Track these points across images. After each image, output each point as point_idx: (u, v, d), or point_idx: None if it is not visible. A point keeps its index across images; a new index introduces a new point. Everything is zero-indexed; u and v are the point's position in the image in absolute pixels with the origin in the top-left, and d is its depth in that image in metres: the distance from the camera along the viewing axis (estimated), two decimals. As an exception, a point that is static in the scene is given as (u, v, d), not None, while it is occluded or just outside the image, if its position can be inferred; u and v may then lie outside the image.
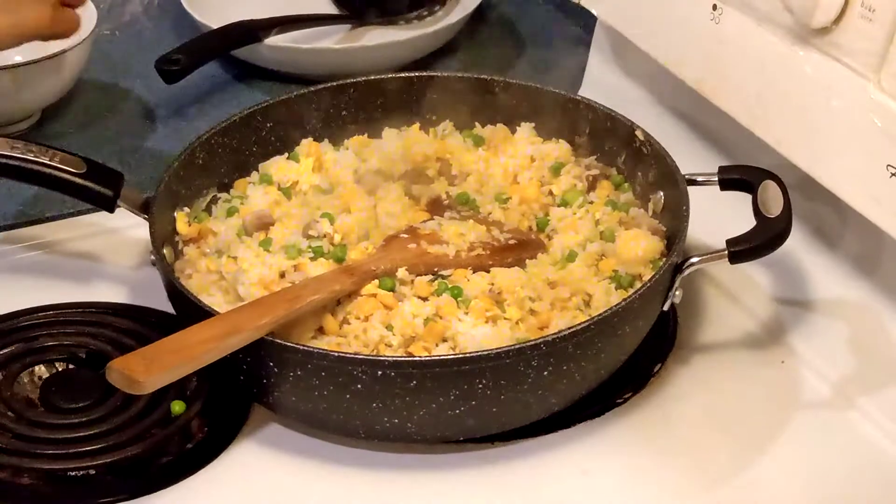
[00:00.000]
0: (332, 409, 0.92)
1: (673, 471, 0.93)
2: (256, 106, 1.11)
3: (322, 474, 0.93)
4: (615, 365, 0.97)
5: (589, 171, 1.09)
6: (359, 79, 1.14)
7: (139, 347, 0.88)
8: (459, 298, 0.96)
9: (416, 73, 1.18)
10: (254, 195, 1.07)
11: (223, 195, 1.09)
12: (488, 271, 0.99)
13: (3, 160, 1.01)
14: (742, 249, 0.96)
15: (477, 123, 1.14)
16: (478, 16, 1.38)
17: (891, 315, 1.01)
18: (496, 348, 0.89)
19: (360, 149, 1.12)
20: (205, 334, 0.89)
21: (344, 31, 1.37)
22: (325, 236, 1.02)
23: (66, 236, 1.11)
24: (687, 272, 0.97)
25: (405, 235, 1.02)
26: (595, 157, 1.11)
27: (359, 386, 0.89)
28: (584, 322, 0.91)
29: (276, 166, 1.10)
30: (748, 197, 1.00)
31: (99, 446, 0.91)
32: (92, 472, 0.91)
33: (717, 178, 1.02)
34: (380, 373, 0.88)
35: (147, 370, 0.85)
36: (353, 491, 0.92)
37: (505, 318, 0.95)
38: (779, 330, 1.04)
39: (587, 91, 1.23)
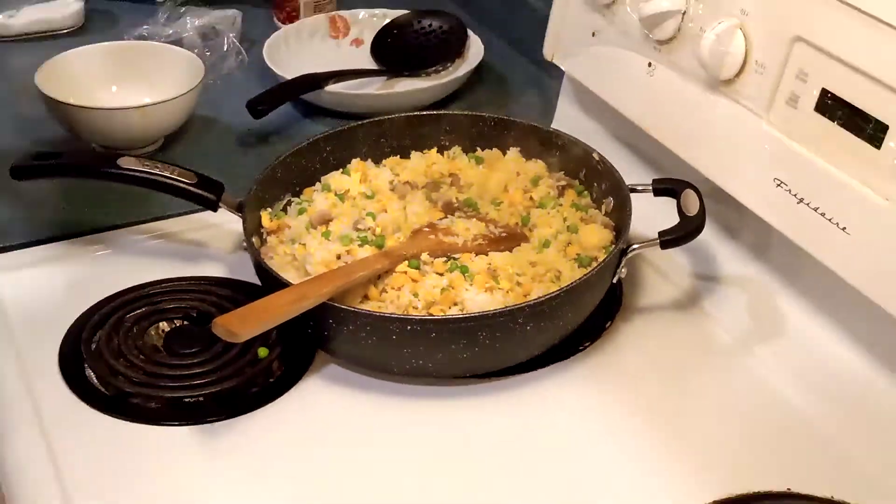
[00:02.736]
0: (375, 354, 0.92)
1: (618, 399, 0.93)
2: (319, 135, 1.11)
3: (366, 400, 0.93)
4: (578, 322, 0.97)
5: (559, 182, 1.09)
6: (393, 116, 1.14)
7: (236, 309, 0.89)
8: (466, 274, 0.96)
9: (434, 112, 1.18)
10: (317, 199, 1.07)
11: (295, 199, 1.08)
12: (487, 255, 0.99)
13: (137, 173, 1.02)
14: (670, 238, 0.97)
15: (478, 148, 1.14)
16: (478, 70, 1.37)
17: (777, 287, 1.00)
18: (493, 310, 0.90)
19: (393, 166, 1.12)
20: (283, 299, 0.90)
21: (382, 81, 1.37)
22: (369, 229, 1.02)
23: (182, 228, 1.11)
24: (630, 255, 0.97)
25: (427, 229, 1.03)
26: (563, 172, 1.11)
27: (393, 337, 0.90)
28: (556, 291, 0.91)
29: (334, 178, 1.10)
30: (674, 201, 1.00)
31: (206, 380, 0.92)
32: (201, 399, 0.92)
33: (651, 188, 1.02)
34: (409, 328, 0.89)
35: (242, 325, 0.86)
36: (388, 412, 0.92)
37: (499, 289, 0.95)
38: (696, 297, 1.04)
39: (557, 124, 1.23)
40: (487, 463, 0.87)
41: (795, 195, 0.91)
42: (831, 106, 0.88)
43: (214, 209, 1.03)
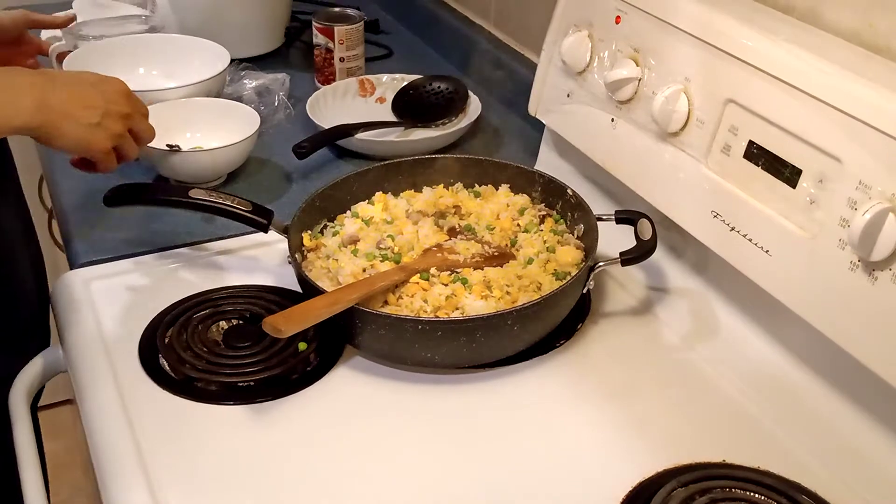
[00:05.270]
0: (392, 348, 0.92)
1: (587, 386, 0.93)
2: (350, 173, 1.11)
3: (385, 385, 0.93)
4: (555, 323, 0.97)
5: (540, 212, 1.09)
6: (408, 158, 1.14)
7: (282, 311, 0.89)
8: (466, 285, 0.96)
9: (441, 155, 1.17)
10: (348, 224, 1.07)
11: (330, 224, 1.08)
12: (483, 269, 0.99)
13: (204, 202, 1.03)
14: (629, 258, 0.97)
15: (476, 184, 1.14)
16: (477, 123, 1.37)
17: (713, 297, 1.00)
18: (487, 313, 0.90)
19: (409, 198, 1.12)
20: (319, 304, 0.89)
21: (400, 130, 1.36)
22: (388, 248, 1.02)
23: (239, 246, 1.11)
24: (597, 271, 0.97)
25: (434, 248, 1.02)
26: (544, 204, 1.10)
27: (407, 335, 0.89)
28: (537, 299, 0.91)
29: (361, 207, 1.10)
30: (632, 228, 1.00)
31: (256, 368, 0.92)
32: (252, 383, 0.91)
33: (614, 217, 1.02)
34: (420, 327, 0.89)
35: (286, 324, 0.86)
36: (402, 394, 0.92)
37: (492, 296, 0.95)
38: (649, 305, 1.04)
39: (540, 166, 1.23)
40: (481, 435, 0.87)
41: (728, 224, 0.91)
42: (756, 154, 0.88)
43: (265, 231, 1.03)
